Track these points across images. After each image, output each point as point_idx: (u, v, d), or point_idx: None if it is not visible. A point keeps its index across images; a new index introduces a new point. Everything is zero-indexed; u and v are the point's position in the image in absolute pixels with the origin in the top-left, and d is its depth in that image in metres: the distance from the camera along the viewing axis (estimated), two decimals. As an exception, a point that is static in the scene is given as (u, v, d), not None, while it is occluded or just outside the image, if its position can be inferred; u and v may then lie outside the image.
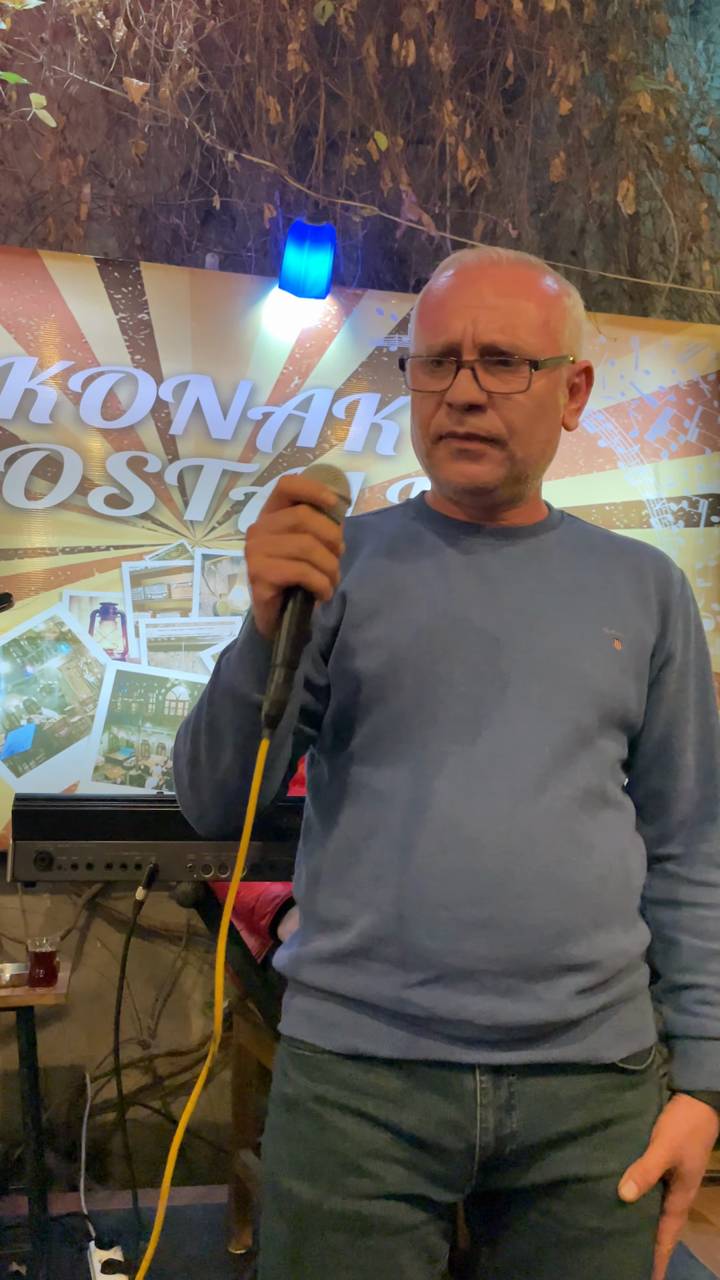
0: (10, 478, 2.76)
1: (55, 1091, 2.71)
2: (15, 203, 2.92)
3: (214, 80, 2.88)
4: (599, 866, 1.01)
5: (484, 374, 1.01)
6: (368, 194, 2.97)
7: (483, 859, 0.97)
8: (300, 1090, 1.02)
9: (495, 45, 3.01)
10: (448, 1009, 0.96)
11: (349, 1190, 0.97)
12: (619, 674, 1.05)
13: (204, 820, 1.07)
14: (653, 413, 3.17)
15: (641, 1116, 1.03)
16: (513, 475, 1.06)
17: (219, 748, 1.00)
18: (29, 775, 2.70)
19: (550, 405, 1.06)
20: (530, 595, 1.06)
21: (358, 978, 1.00)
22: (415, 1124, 0.98)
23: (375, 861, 1.00)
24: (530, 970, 0.96)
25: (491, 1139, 0.98)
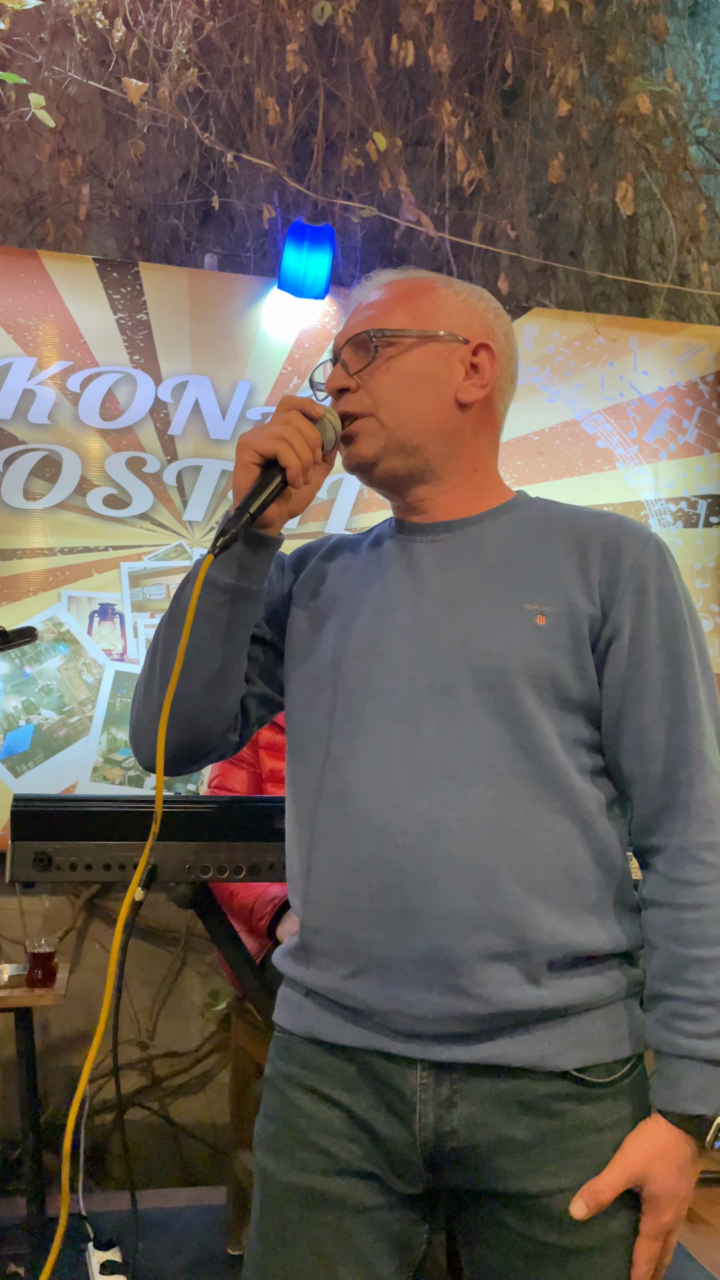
0: (9, 478, 2.76)
1: (54, 1092, 2.71)
2: (14, 203, 2.92)
3: (213, 81, 2.88)
4: (522, 854, 0.97)
5: (351, 359, 1.13)
6: (366, 195, 2.97)
7: (390, 849, 0.98)
8: (274, 1070, 1.09)
9: (494, 46, 3.02)
10: (379, 1000, 0.99)
11: (306, 1165, 1.01)
12: (543, 650, 1.01)
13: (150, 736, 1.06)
14: (651, 413, 3.17)
15: (602, 1133, 0.97)
16: (393, 446, 1.10)
17: (175, 634, 1.05)
18: (27, 776, 2.70)
19: (424, 377, 1.11)
20: (452, 584, 1.07)
21: (309, 970, 1.06)
22: (365, 1109, 1.01)
23: (306, 856, 1.06)
24: (449, 960, 0.96)
25: (431, 1135, 0.98)
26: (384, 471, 1.12)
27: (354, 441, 1.11)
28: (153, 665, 1.10)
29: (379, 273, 1.20)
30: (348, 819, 1.02)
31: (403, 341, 1.11)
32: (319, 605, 1.14)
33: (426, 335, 1.12)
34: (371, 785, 1.01)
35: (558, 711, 1.01)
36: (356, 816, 1.01)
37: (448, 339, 1.12)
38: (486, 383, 1.13)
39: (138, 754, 1.13)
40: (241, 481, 1.04)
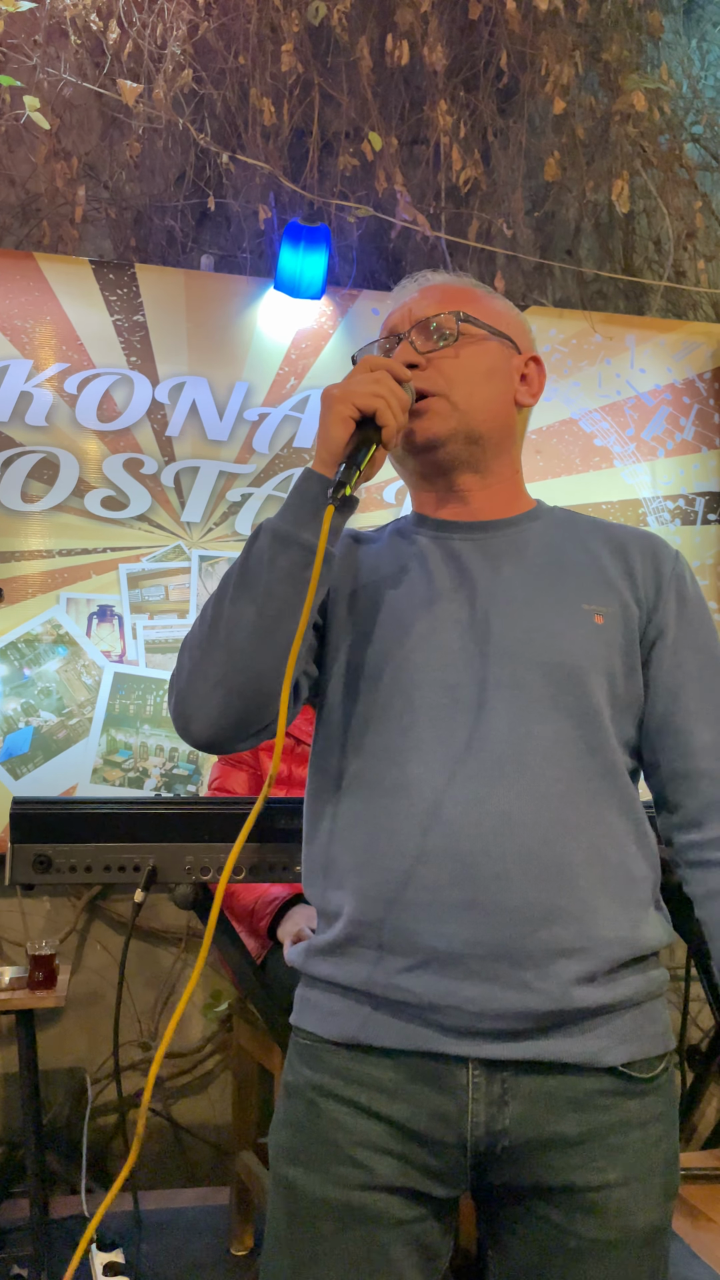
0: (7, 480, 2.76)
1: (56, 1094, 2.71)
2: (10, 205, 2.92)
3: (208, 82, 2.88)
4: (586, 849, 0.99)
5: (419, 340, 1.12)
6: (362, 194, 2.97)
7: (460, 840, 0.97)
8: (300, 1078, 1.04)
9: (489, 45, 3.01)
10: (437, 994, 0.96)
11: (341, 1180, 0.98)
12: (603, 649, 1.06)
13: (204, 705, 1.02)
14: (649, 411, 3.17)
15: (645, 1128, 1.00)
16: (463, 430, 1.11)
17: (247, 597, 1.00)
18: (27, 778, 2.70)
19: (492, 371, 1.13)
20: (506, 581, 1.09)
21: (352, 966, 1.01)
22: (407, 1116, 0.98)
23: (360, 849, 1.02)
24: (516, 954, 0.96)
25: (483, 1133, 0.97)
26: (448, 454, 1.12)
27: (423, 417, 1.10)
28: (215, 629, 1.02)
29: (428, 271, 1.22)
30: (413, 811, 0.99)
31: (479, 332, 1.14)
32: (359, 595, 1.11)
33: (499, 333, 1.15)
34: (439, 777, 1.00)
35: (612, 710, 1.06)
36: (423, 808, 0.99)
37: (510, 344, 1.16)
38: (536, 393, 1.19)
39: (187, 726, 1.04)
40: (338, 434, 1.00)
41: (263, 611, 0.99)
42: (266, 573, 0.99)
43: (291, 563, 0.99)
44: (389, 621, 1.08)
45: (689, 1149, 2.95)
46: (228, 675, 1.00)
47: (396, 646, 1.06)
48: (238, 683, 1.00)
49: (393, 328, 1.16)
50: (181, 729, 1.05)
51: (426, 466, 1.14)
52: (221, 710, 1.01)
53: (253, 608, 0.99)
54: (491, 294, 1.20)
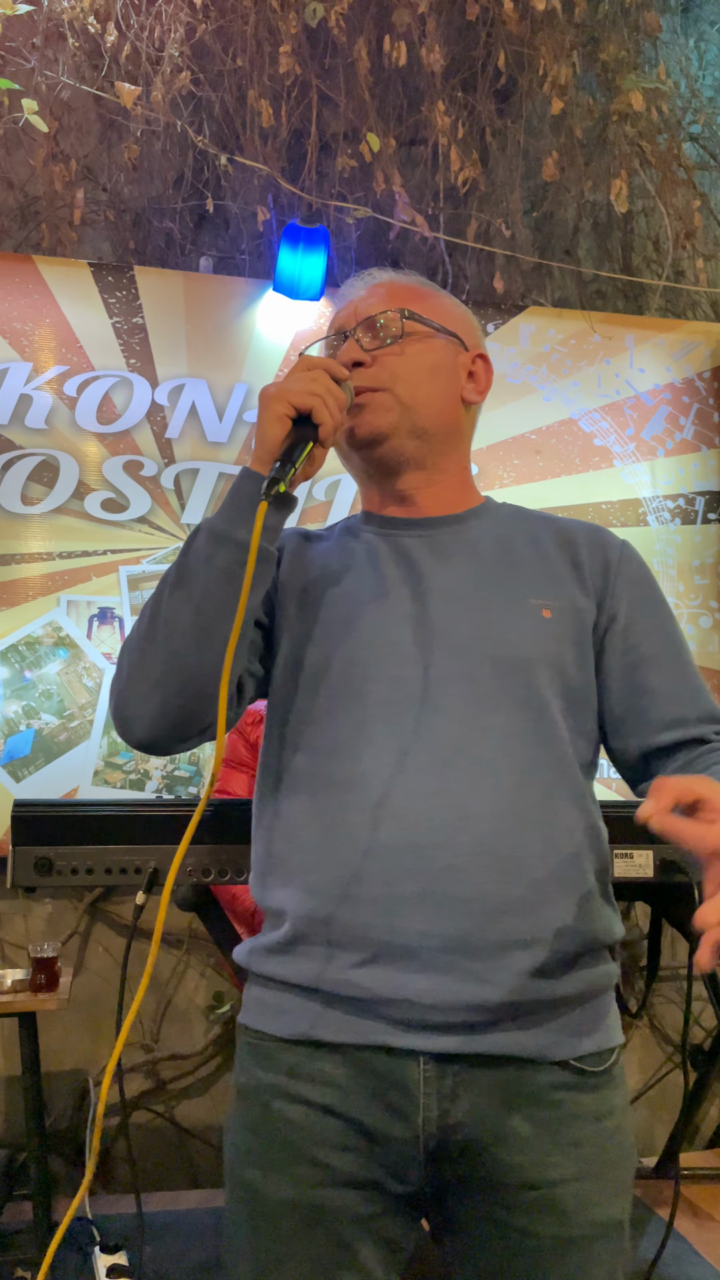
0: (6, 483, 2.76)
1: (58, 1097, 2.71)
2: (9, 208, 2.92)
3: (206, 84, 2.88)
4: (539, 840, 1.00)
5: (365, 338, 1.12)
6: (361, 196, 2.97)
7: (413, 833, 0.97)
8: (253, 1079, 1.03)
9: (486, 46, 3.02)
10: (389, 988, 0.96)
11: (301, 1180, 0.97)
12: (552, 642, 1.06)
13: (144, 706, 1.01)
14: (648, 411, 3.17)
15: (599, 1121, 1.00)
16: (406, 425, 1.10)
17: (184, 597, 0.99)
18: (28, 781, 2.71)
19: (438, 367, 1.13)
20: (454, 576, 1.09)
21: (299, 963, 1.01)
22: (360, 1110, 0.98)
23: (311, 845, 1.01)
24: (469, 946, 0.96)
25: (435, 1129, 0.97)
26: (392, 449, 1.12)
27: (365, 411, 1.10)
28: (153, 629, 1.01)
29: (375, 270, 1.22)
30: (364, 804, 0.99)
31: (425, 329, 1.14)
32: (309, 591, 1.11)
33: (445, 330, 1.16)
34: (391, 770, 1.00)
35: (564, 702, 1.06)
36: (374, 801, 0.99)
37: (456, 341, 1.17)
38: (484, 390, 1.19)
39: (127, 728, 1.03)
40: (274, 433, 1.00)
41: (200, 610, 0.98)
42: (203, 572, 0.99)
43: (228, 561, 0.98)
44: (338, 618, 1.08)
45: (692, 1149, 2.95)
46: (166, 675, 0.99)
47: (346, 642, 1.06)
48: (177, 683, 1.00)
49: (340, 326, 1.16)
50: (121, 730, 1.04)
51: (371, 463, 1.14)
52: (161, 711, 1.00)
53: (190, 607, 0.99)
54: (439, 292, 1.20)
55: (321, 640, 1.07)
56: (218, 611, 0.98)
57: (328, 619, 1.08)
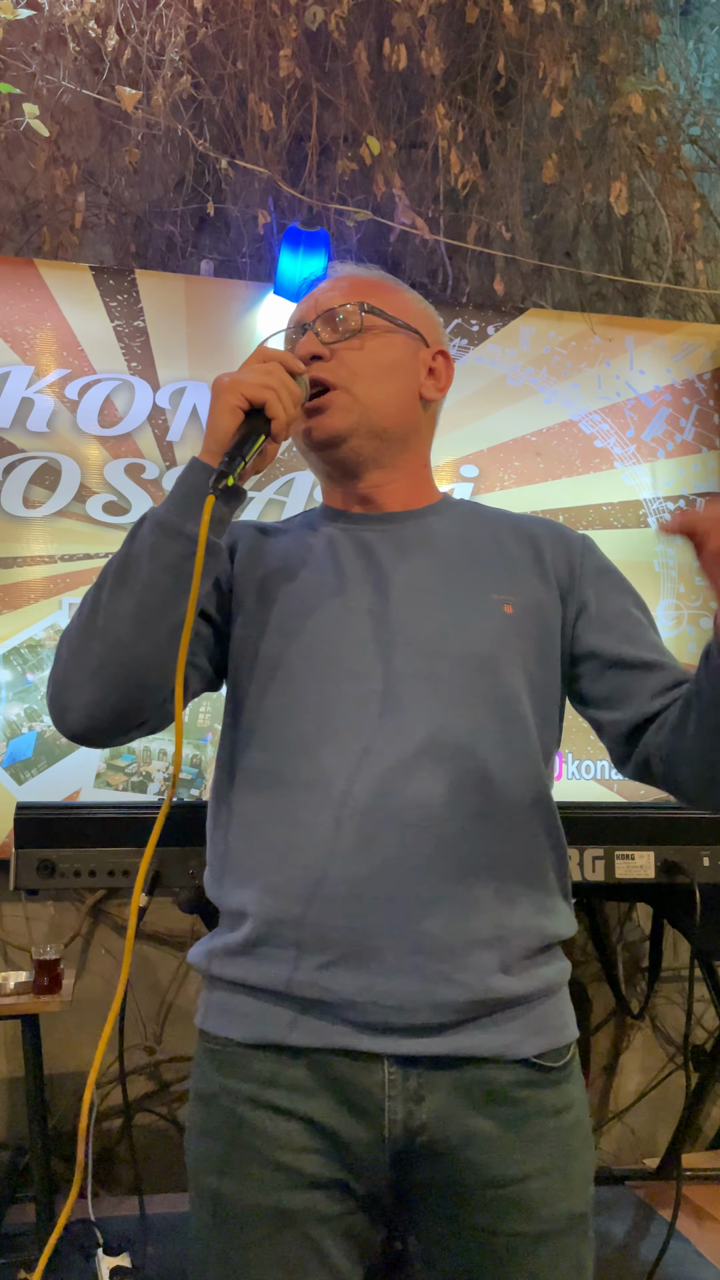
0: (8, 486, 2.76)
1: (61, 1099, 2.72)
2: (10, 212, 2.93)
3: (206, 87, 2.89)
4: (502, 839, 1.00)
5: (324, 331, 1.11)
6: (361, 199, 2.98)
7: (379, 834, 0.96)
8: (214, 1086, 1.01)
9: (486, 48, 3.02)
10: (354, 990, 0.95)
11: (269, 1185, 0.96)
12: (514, 638, 1.06)
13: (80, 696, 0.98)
14: (648, 412, 3.18)
15: (559, 1115, 1.01)
16: (365, 425, 1.09)
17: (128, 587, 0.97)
18: (31, 783, 2.71)
19: (396, 364, 1.12)
20: (416, 571, 1.08)
21: (264, 966, 0.99)
22: (324, 1114, 0.97)
23: (274, 845, 1.00)
24: (435, 947, 0.95)
25: (401, 1130, 0.97)
26: (350, 450, 1.11)
27: (324, 413, 1.09)
28: (92, 619, 0.98)
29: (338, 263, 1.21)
30: (328, 804, 0.98)
31: (384, 324, 1.12)
32: (267, 585, 1.09)
33: (405, 325, 1.14)
34: (353, 770, 0.98)
35: (526, 697, 1.06)
36: (338, 801, 0.98)
37: (417, 337, 1.15)
38: (443, 387, 1.18)
39: (62, 718, 1.00)
40: (226, 424, 0.98)
41: (143, 602, 0.96)
42: (148, 563, 0.97)
43: (174, 553, 0.96)
44: (299, 613, 1.06)
45: (694, 1150, 2.95)
46: (105, 666, 0.97)
47: (308, 638, 1.04)
48: (115, 675, 0.97)
49: (299, 318, 1.15)
50: (57, 719, 1.01)
51: (330, 463, 1.13)
52: (98, 702, 0.98)
53: (133, 598, 0.96)
54: (400, 286, 1.19)
55: (281, 635, 1.06)
56: (160, 604, 0.96)
57: (287, 613, 1.07)
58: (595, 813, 1.73)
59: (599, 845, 1.68)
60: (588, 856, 1.66)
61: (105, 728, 1.00)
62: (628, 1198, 2.72)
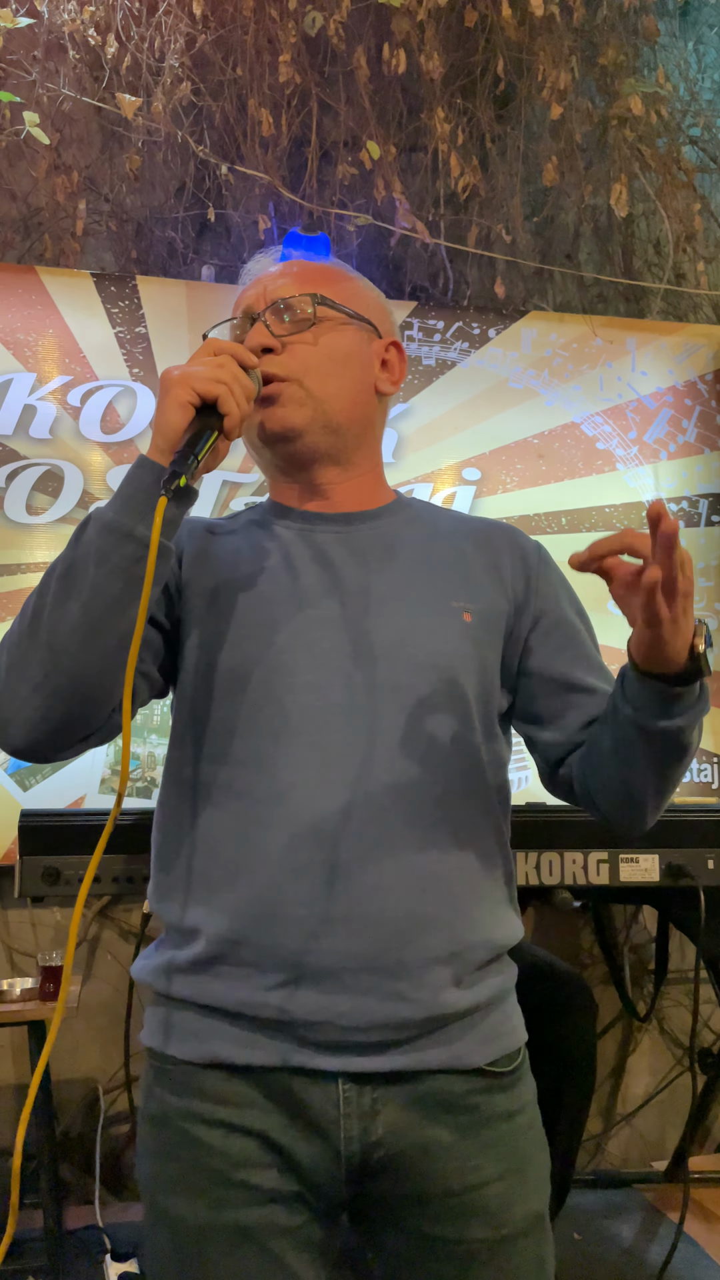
0: (11, 493, 2.77)
1: (69, 1105, 2.72)
2: (11, 220, 2.94)
3: (206, 94, 2.89)
4: (458, 853, 0.98)
5: (274, 322, 1.06)
6: (361, 203, 2.98)
7: (338, 851, 0.94)
8: (165, 1106, 0.99)
9: (485, 52, 3.03)
10: (308, 1011, 0.93)
11: (226, 1203, 0.94)
12: (472, 646, 1.04)
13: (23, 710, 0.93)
14: (650, 414, 3.17)
15: (513, 1119, 1.00)
16: (320, 420, 1.06)
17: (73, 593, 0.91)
18: (36, 789, 2.71)
19: (350, 356, 1.09)
20: (374, 578, 1.05)
21: (215, 985, 0.96)
22: (279, 1131, 0.95)
23: (229, 862, 0.97)
24: (391, 966, 0.94)
25: (357, 1147, 0.95)
26: (306, 446, 1.07)
27: (277, 404, 1.05)
28: (35, 627, 0.93)
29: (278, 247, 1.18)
30: (287, 822, 0.95)
31: (338, 315, 1.09)
32: (220, 592, 1.05)
33: (358, 316, 1.11)
34: (313, 785, 0.96)
35: (482, 707, 1.04)
36: (298, 818, 0.95)
37: (370, 328, 1.12)
38: (398, 380, 1.15)
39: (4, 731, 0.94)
40: (175, 421, 0.93)
41: (88, 608, 0.91)
42: (94, 568, 0.91)
43: (122, 556, 0.91)
44: (255, 622, 1.02)
45: (701, 1152, 2.94)
46: (49, 677, 0.92)
47: (265, 649, 1.00)
48: (60, 685, 0.92)
49: (247, 307, 1.10)
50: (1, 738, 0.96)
51: (284, 459, 1.09)
52: (42, 715, 0.93)
53: (78, 604, 0.91)
54: (352, 275, 1.15)
55: (236, 645, 1.02)
56: (108, 610, 0.91)
57: (243, 622, 1.02)
58: (600, 816, 1.73)
59: (603, 849, 1.67)
60: (592, 860, 1.66)
61: (50, 742, 0.95)
62: (636, 1201, 2.71)
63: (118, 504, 0.94)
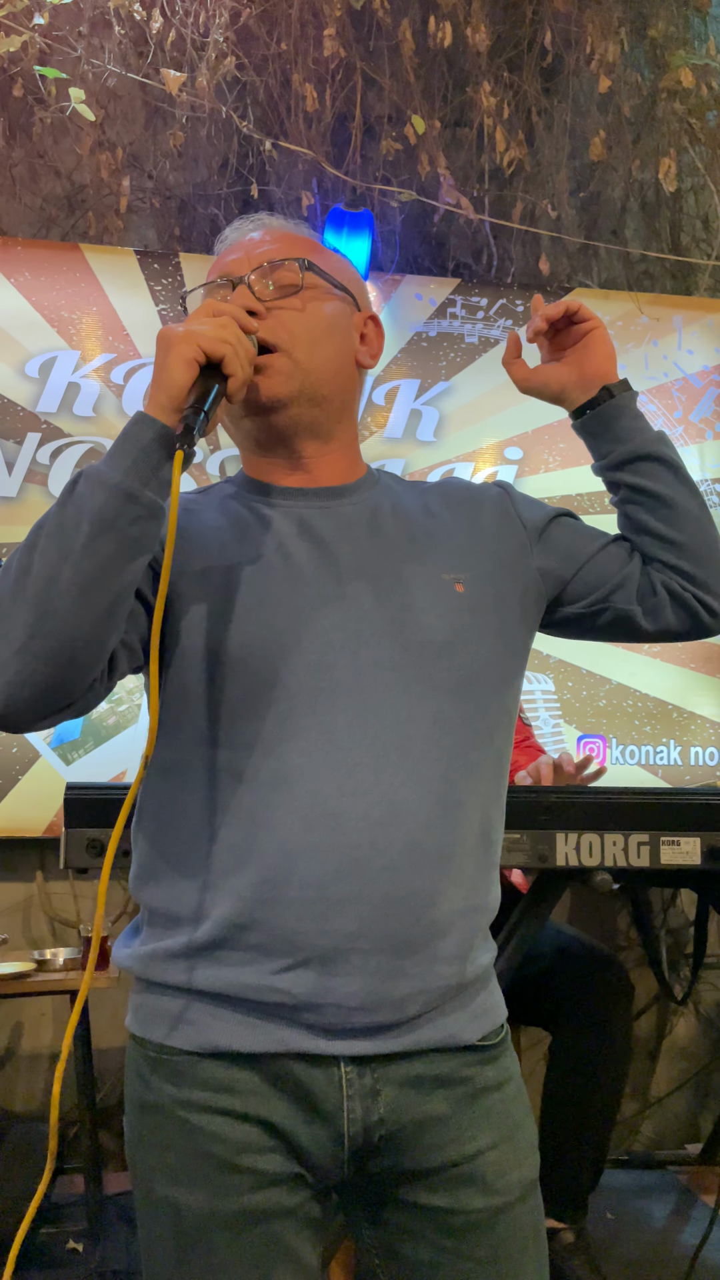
0: (56, 470, 2.79)
1: (109, 1073, 2.76)
2: (56, 197, 2.95)
3: (250, 69, 2.88)
4: (463, 827, 0.99)
5: (259, 287, 1.04)
6: (405, 178, 2.96)
7: (347, 832, 0.93)
8: (162, 1095, 0.97)
9: (533, 24, 2.98)
10: (313, 993, 0.93)
11: (229, 1189, 0.94)
12: (469, 616, 1.03)
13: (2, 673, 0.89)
14: (697, 393, 3.13)
15: (502, 1089, 1.02)
16: (306, 392, 1.04)
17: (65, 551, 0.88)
18: (78, 763, 2.75)
19: (334, 327, 1.07)
20: (366, 554, 1.04)
21: (216, 970, 0.95)
22: (281, 1115, 0.95)
23: (234, 846, 0.95)
24: (398, 944, 0.94)
25: (360, 1128, 0.96)
26: (290, 417, 1.05)
27: (264, 375, 1.02)
28: (20, 586, 0.89)
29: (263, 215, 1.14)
30: (295, 804, 0.94)
31: (323, 284, 1.07)
32: (208, 573, 1.01)
33: (341, 287, 1.10)
34: (321, 767, 0.95)
35: (485, 674, 1.04)
36: (306, 800, 0.94)
37: (350, 301, 1.11)
38: (376, 354, 1.13)
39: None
40: (181, 377, 0.90)
41: (80, 568, 0.88)
42: (88, 526, 0.88)
43: (122, 516, 0.89)
44: (252, 603, 0.99)
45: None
46: (33, 639, 0.88)
47: (265, 629, 0.98)
48: (46, 648, 0.88)
49: (228, 270, 1.06)
50: None
51: (265, 430, 1.06)
52: (23, 680, 0.89)
53: (69, 564, 0.88)
54: (327, 246, 1.14)
55: (234, 626, 0.98)
56: (103, 571, 0.89)
57: (238, 603, 0.99)
58: (640, 798, 1.72)
59: (644, 830, 1.66)
60: (633, 842, 1.65)
61: (27, 709, 0.91)
62: (670, 1182, 2.71)
63: (116, 462, 0.91)
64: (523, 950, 1.76)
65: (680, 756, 3.03)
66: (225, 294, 1.05)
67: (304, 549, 1.03)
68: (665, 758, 3.02)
